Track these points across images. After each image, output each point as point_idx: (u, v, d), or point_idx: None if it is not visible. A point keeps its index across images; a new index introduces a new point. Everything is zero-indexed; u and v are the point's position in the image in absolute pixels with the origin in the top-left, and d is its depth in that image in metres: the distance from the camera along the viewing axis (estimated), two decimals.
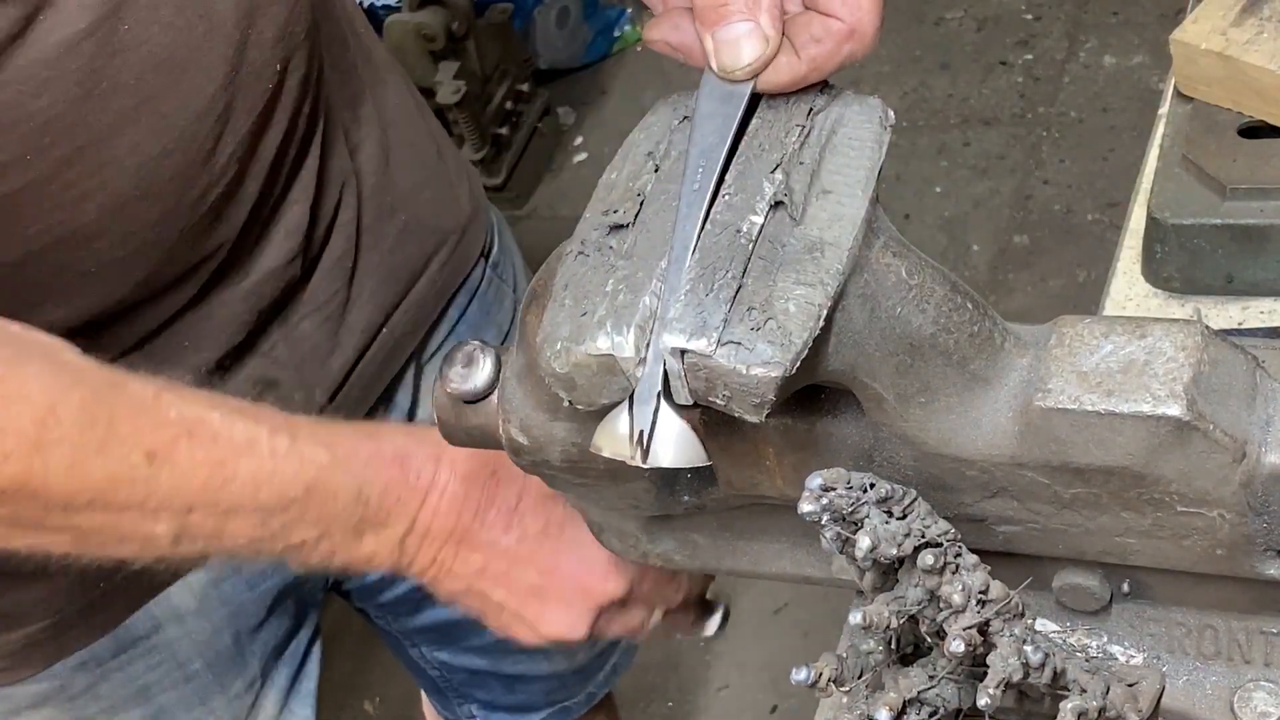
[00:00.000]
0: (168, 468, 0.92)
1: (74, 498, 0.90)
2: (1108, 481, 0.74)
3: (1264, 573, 0.75)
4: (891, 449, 0.77)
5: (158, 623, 1.25)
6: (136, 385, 0.94)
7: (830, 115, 0.76)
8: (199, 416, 0.95)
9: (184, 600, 1.26)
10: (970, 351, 0.75)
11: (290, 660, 1.38)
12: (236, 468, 0.95)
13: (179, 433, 0.93)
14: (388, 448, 1.03)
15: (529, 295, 0.81)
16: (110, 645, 1.24)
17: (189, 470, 0.93)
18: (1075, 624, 0.84)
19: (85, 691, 1.25)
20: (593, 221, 0.77)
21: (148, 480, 0.92)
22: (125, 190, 1.02)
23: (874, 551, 0.70)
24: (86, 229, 1.02)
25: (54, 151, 0.97)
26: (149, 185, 1.03)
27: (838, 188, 0.73)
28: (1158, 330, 0.74)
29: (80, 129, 0.97)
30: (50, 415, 0.88)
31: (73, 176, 0.99)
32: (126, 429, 0.91)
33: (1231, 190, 1.17)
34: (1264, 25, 1.22)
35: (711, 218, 0.73)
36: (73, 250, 1.03)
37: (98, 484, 0.90)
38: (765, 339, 0.69)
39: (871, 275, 0.72)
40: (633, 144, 0.80)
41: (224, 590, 1.28)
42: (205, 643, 1.29)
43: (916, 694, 0.76)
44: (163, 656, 1.27)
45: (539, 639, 1.10)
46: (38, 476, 0.88)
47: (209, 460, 0.94)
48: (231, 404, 0.98)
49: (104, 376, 0.93)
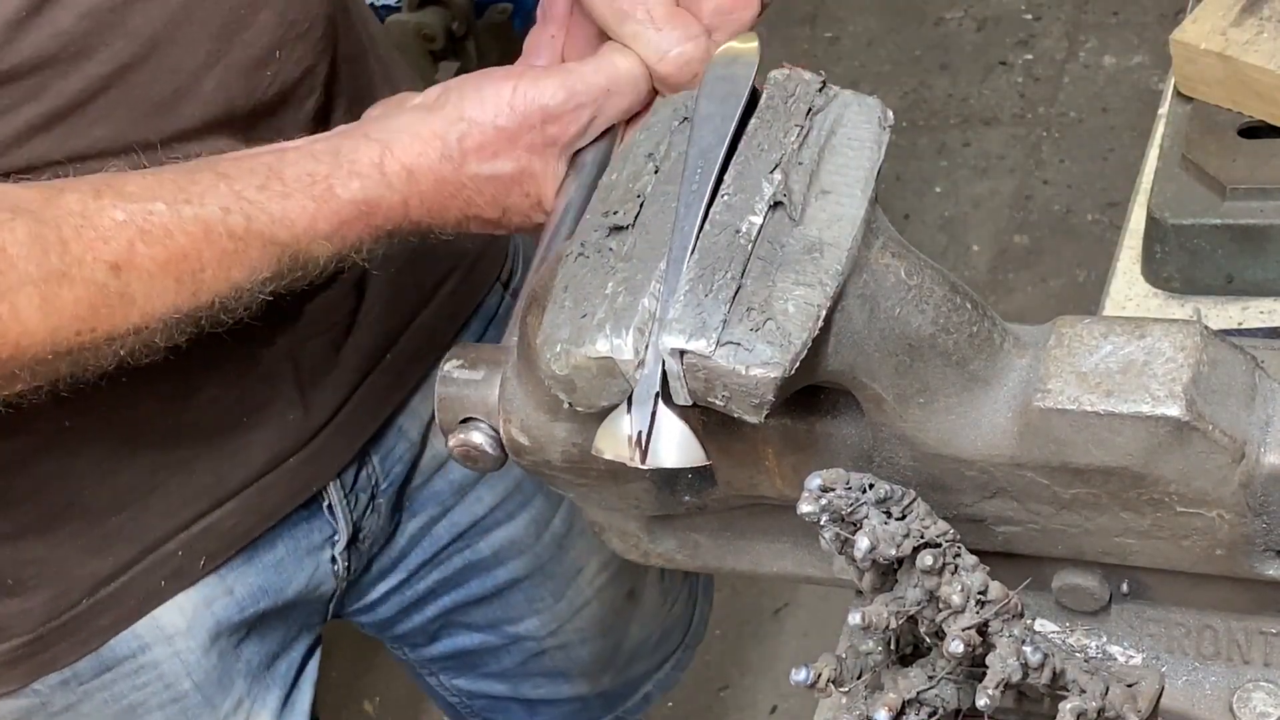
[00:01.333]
0: (134, 275, 0.88)
1: (57, 337, 0.86)
2: (1107, 482, 0.74)
3: (1263, 573, 0.75)
4: (891, 449, 0.77)
5: (145, 643, 1.22)
6: (73, 195, 0.89)
7: (829, 115, 0.76)
8: (145, 211, 0.90)
9: (173, 620, 1.23)
10: (970, 352, 0.75)
11: (283, 680, 1.35)
12: (201, 258, 0.91)
13: (132, 235, 0.88)
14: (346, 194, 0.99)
15: (529, 297, 0.81)
16: (94, 664, 1.21)
17: (157, 274, 0.89)
18: (1074, 624, 0.84)
19: (67, 710, 1.23)
20: (593, 223, 0.77)
21: (121, 294, 0.88)
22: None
23: (873, 552, 0.70)
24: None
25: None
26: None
27: (837, 188, 0.73)
28: (1157, 330, 0.74)
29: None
30: (1, 256, 0.83)
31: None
32: (79, 247, 0.86)
33: (1231, 190, 1.17)
34: (1264, 25, 1.22)
35: (710, 218, 0.73)
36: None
37: (76, 314, 0.87)
38: (764, 339, 0.69)
39: (871, 275, 0.72)
40: (633, 145, 0.80)
41: (215, 610, 1.25)
42: (194, 663, 1.25)
43: (916, 694, 0.76)
44: (150, 676, 1.24)
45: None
46: (12, 329, 0.84)
47: (171, 257, 0.90)
48: (171, 182, 0.93)
49: (38, 195, 0.88)
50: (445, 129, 1.00)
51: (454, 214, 1.03)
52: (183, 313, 0.92)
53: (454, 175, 1.00)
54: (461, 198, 1.01)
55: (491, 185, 1.02)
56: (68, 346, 0.88)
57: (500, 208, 1.03)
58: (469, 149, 1.00)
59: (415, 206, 1.00)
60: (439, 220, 1.02)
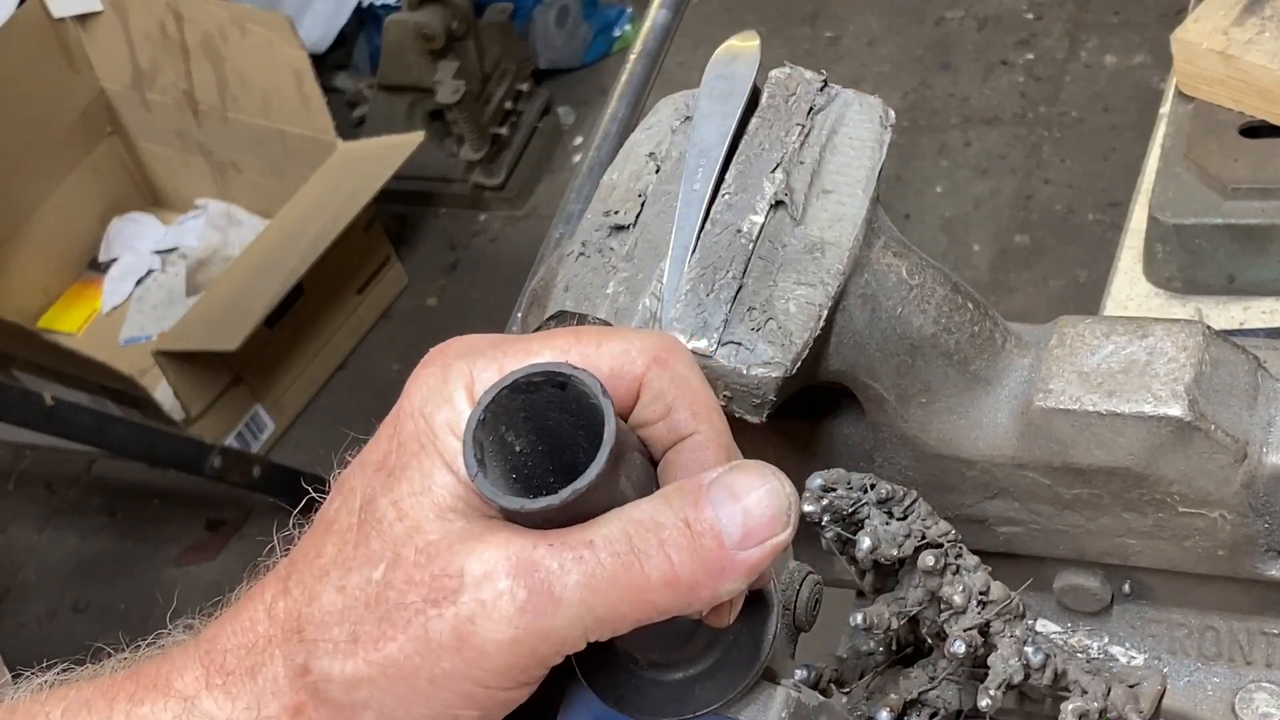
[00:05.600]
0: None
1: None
2: (1109, 482, 0.73)
3: (1265, 573, 0.75)
4: (892, 449, 0.77)
5: None
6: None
7: (830, 115, 0.76)
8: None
9: None
10: (971, 352, 0.75)
11: None
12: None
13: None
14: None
15: (530, 297, 0.81)
16: None
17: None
18: (1076, 625, 0.84)
19: None
20: (594, 222, 0.76)
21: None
22: None
23: (875, 552, 0.70)
24: None
25: None
26: None
27: (838, 187, 0.73)
28: (1159, 330, 0.73)
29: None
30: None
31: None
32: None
33: (1233, 190, 1.17)
34: (1265, 24, 1.21)
35: (712, 217, 0.73)
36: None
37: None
38: (766, 339, 0.69)
39: (872, 275, 0.72)
40: (634, 144, 0.79)
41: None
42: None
43: (917, 695, 0.76)
44: None
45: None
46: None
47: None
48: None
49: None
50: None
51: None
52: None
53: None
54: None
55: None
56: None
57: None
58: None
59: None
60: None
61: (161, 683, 0.65)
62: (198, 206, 3.63)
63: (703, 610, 0.60)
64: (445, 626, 0.58)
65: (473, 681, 0.58)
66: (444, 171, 3.70)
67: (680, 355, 0.62)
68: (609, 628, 0.58)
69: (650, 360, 0.61)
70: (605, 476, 0.55)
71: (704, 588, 0.58)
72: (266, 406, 3.31)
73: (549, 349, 0.61)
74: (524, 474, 0.58)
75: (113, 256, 3.61)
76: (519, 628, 0.57)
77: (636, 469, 0.60)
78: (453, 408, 0.60)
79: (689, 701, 0.63)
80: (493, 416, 0.56)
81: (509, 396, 0.56)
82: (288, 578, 0.63)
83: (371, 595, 0.59)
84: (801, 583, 0.71)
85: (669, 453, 0.62)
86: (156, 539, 3.28)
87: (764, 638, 0.63)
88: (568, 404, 0.57)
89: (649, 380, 0.61)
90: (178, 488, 3.23)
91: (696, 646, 0.63)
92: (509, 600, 0.57)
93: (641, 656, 0.64)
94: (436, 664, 0.58)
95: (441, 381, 0.61)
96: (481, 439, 0.56)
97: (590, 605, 0.57)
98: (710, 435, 0.62)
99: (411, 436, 0.61)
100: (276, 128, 3.41)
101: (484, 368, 0.61)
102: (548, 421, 0.58)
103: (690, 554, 0.58)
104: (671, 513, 0.58)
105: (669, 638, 0.62)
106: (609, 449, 0.54)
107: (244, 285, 3.19)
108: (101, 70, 3.53)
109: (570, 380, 0.56)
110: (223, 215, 3.56)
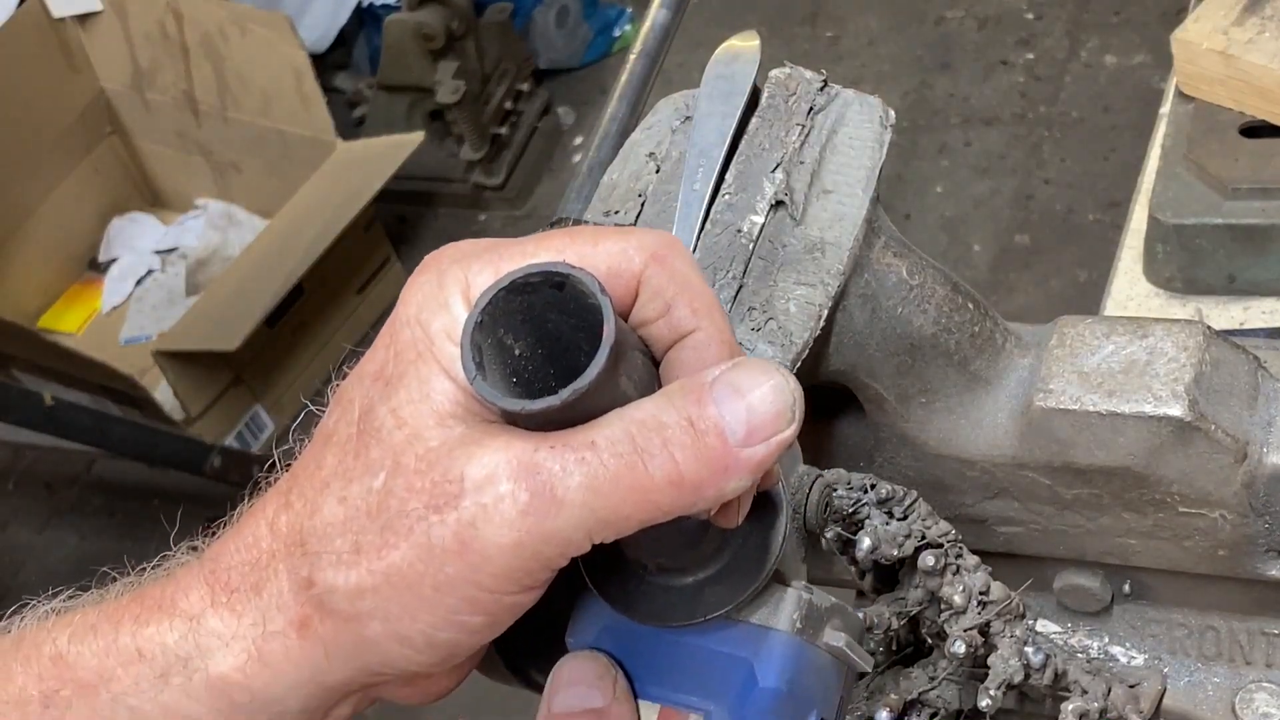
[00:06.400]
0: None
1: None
2: (1109, 482, 0.73)
3: (1265, 574, 0.75)
4: (892, 449, 0.77)
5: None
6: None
7: (830, 115, 0.76)
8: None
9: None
10: (971, 352, 0.75)
11: None
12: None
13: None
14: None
15: None
16: None
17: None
18: (1076, 625, 0.84)
19: None
20: (594, 222, 0.76)
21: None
22: None
23: (875, 552, 0.70)
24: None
25: None
26: None
27: (838, 187, 0.73)
28: (1159, 330, 0.73)
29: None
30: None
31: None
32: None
33: (1233, 190, 1.17)
34: (1265, 24, 1.21)
35: (712, 217, 0.73)
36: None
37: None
38: (766, 339, 0.69)
39: (872, 275, 0.72)
40: (634, 144, 0.79)
41: None
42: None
43: (917, 695, 0.76)
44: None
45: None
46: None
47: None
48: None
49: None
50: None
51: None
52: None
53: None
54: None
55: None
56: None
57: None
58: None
59: None
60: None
61: (166, 604, 0.65)
62: (198, 206, 3.63)
63: (709, 510, 0.59)
64: (447, 532, 0.57)
65: (477, 586, 0.58)
66: (444, 171, 3.70)
67: (679, 252, 0.61)
68: (613, 529, 0.57)
69: (648, 257, 0.60)
70: (606, 375, 0.53)
71: (709, 486, 0.57)
72: (266, 406, 3.31)
73: (545, 250, 0.60)
74: (524, 378, 0.57)
75: (113, 256, 3.61)
76: (521, 530, 0.56)
77: (638, 368, 0.59)
78: (449, 313, 0.59)
79: (699, 605, 0.62)
80: (490, 319, 0.55)
81: (506, 298, 0.55)
82: (289, 491, 0.63)
83: (373, 504, 0.59)
84: (811, 486, 0.70)
85: (670, 351, 0.61)
86: (156, 539, 3.28)
87: (773, 540, 0.62)
88: (566, 305, 0.55)
89: (647, 278, 0.60)
90: (178, 488, 3.23)
91: (705, 550, 0.62)
92: (511, 503, 0.56)
93: (650, 562, 0.63)
94: (440, 570, 0.58)
95: (437, 287, 0.60)
96: (479, 342, 0.55)
97: (593, 506, 0.56)
98: (712, 332, 0.60)
99: (408, 344, 0.60)
100: (276, 128, 3.41)
101: (479, 271, 0.60)
102: (547, 324, 0.56)
103: (694, 452, 0.57)
104: (674, 411, 0.57)
105: (677, 541, 0.61)
106: (609, 347, 0.53)
107: (244, 285, 3.19)
108: (101, 70, 3.53)
109: (568, 279, 0.55)
110: (223, 215, 3.56)
